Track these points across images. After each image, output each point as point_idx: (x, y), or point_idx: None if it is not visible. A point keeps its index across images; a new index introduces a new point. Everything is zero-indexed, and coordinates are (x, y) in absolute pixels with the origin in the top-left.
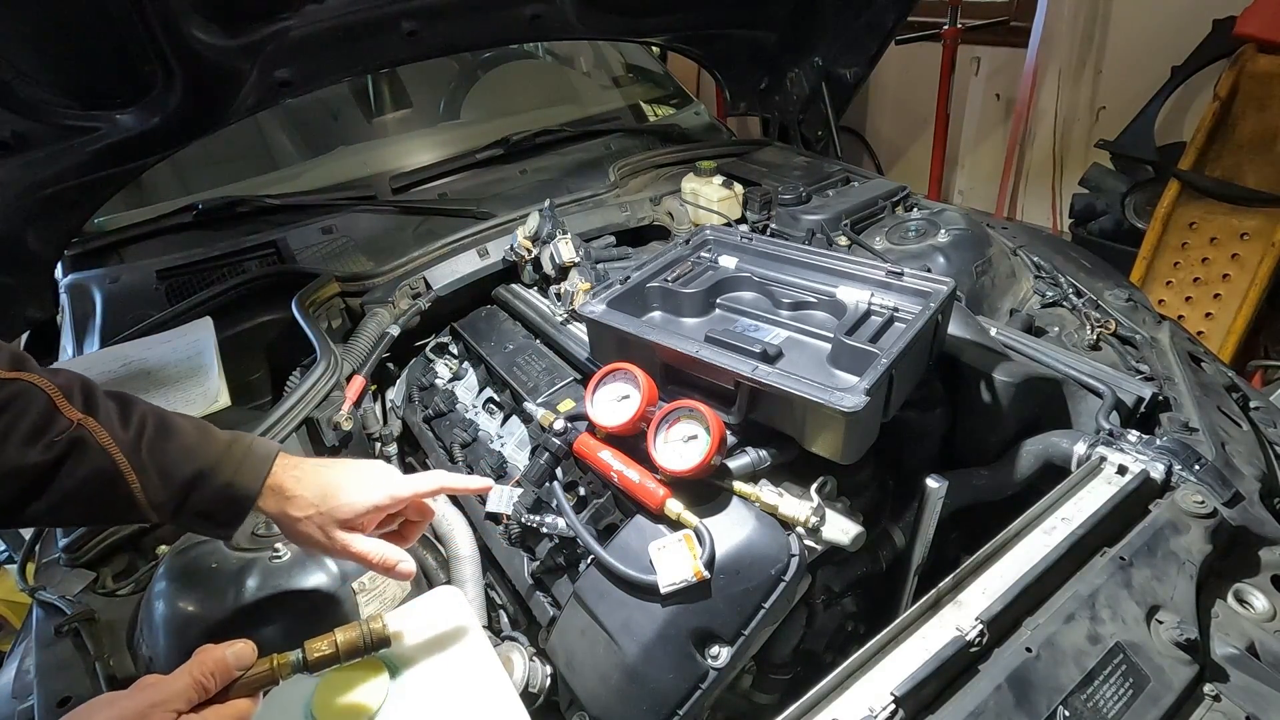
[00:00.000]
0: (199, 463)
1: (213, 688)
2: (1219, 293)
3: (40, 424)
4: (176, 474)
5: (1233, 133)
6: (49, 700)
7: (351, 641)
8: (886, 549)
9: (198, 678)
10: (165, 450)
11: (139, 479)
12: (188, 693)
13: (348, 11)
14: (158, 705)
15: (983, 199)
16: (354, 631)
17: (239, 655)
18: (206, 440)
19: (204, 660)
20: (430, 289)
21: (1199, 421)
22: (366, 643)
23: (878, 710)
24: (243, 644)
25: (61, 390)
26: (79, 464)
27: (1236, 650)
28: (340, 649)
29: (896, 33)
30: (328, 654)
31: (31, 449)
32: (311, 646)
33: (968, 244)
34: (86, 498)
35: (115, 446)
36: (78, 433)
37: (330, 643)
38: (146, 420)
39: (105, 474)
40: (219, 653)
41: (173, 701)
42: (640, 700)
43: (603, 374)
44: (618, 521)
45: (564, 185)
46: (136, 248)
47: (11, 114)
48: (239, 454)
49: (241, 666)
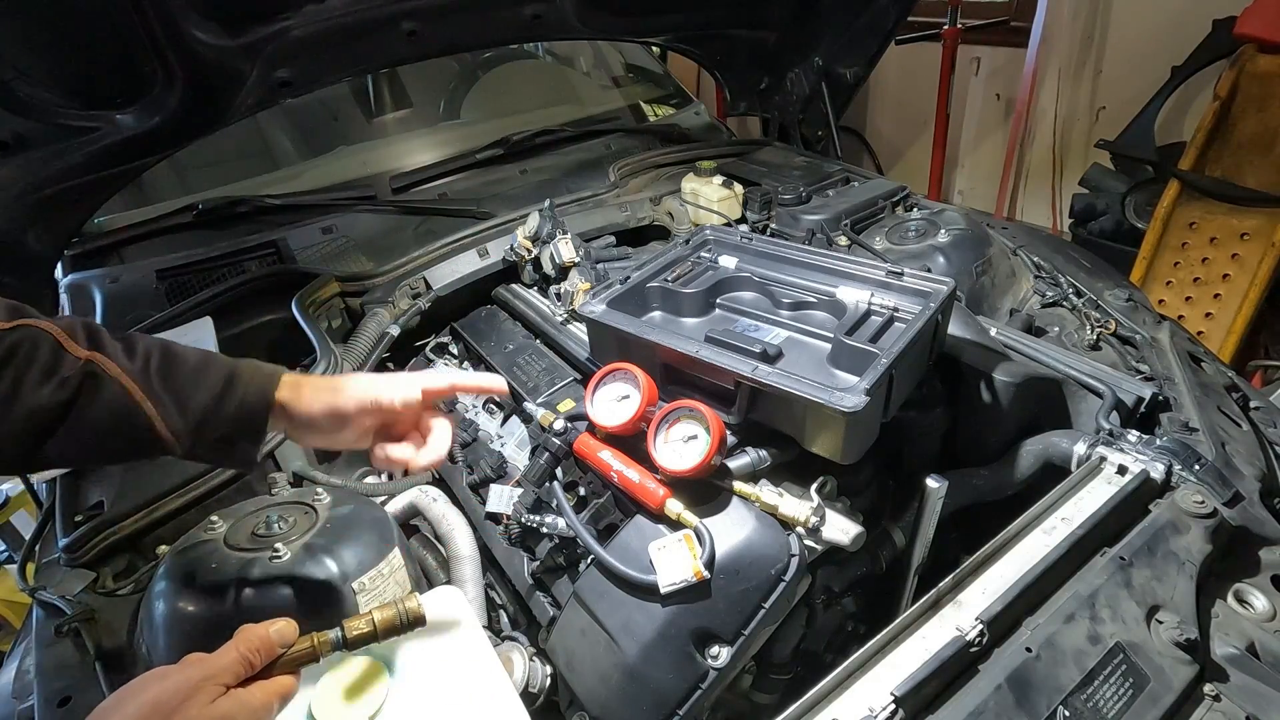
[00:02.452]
0: (210, 384)
1: (258, 664)
2: (1219, 293)
3: (50, 364)
4: (190, 399)
5: (1233, 133)
6: (49, 700)
7: (388, 620)
8: (886, 549)
9: (244, 653)
10: (175, 377)
11: (155, 407)
12: (235, 668)
13: (348, 11)
14: (208, 679)
15: (983, 199)
16: (390, 610)
17: (282, 633)
18: (213, 363)
19: (249, 637)
20: (430, 289)
21: (1199, 421)
22: (403, 621)
23: (878, 710)
24: (284, 622)
25: (65, 330)
26: (94, 397)
27: (1236, 650)
28: (378, 627)
29: (896, 33)
30: (366, 632)
31: (45, 388)
32: (350, 625)
33: (968, 244)
34: (106, 431)
35: (126, 376)
36: (88, 367)
37: (368, 620)
38: (152, 351)
39: (122, 405)
40: (263, 630)
41: (221, 676)
42: (640, 700)
43: (603, 374)
44: (618, 521)
45: (564, 185)
46: (136, 248)
47: (11, 114)
48: (247, 372)
49: (284, 644)
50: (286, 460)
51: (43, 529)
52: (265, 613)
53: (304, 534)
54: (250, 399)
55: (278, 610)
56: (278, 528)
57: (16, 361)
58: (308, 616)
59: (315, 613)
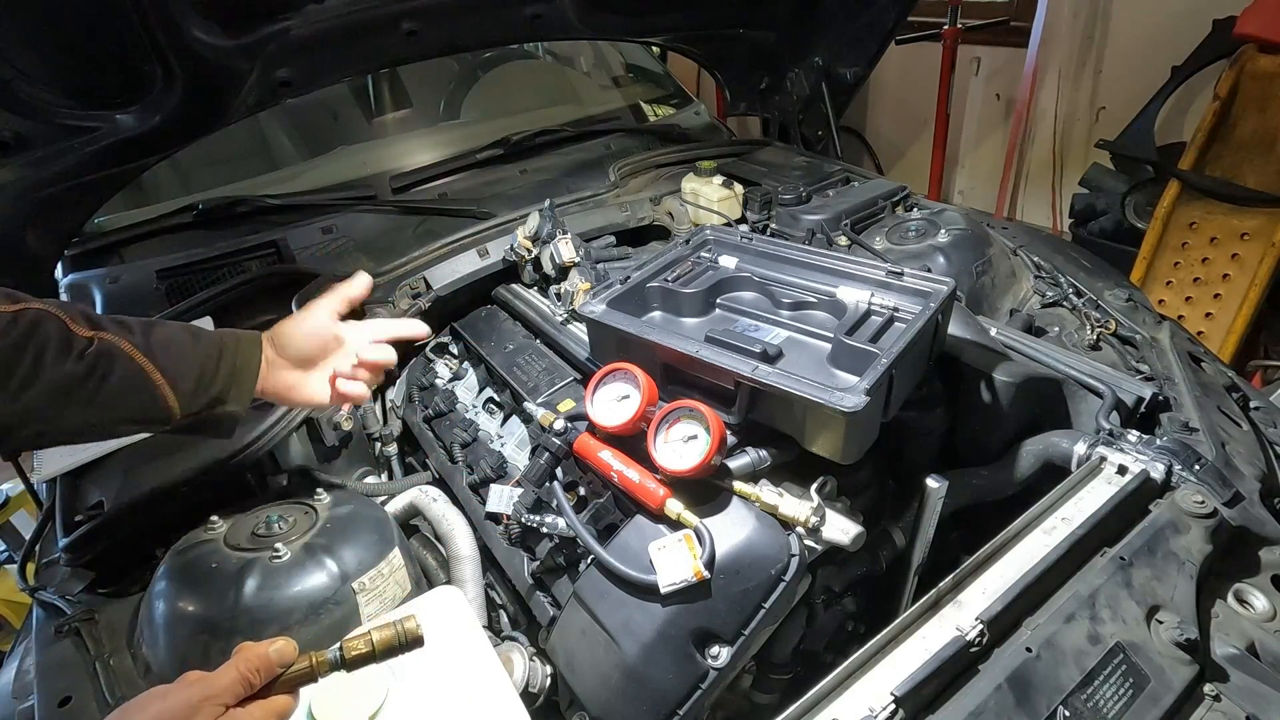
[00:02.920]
0: (204, 349)
1: (257, 683)
2: (1219, 293)
3: (63, 341)
4: (187, 367)
5: (1233, 133)
6: (49, 700)
7: (387, 640)
8: (886, 549)
9: (244, 673)
10: (171, 351)
11: (163, 376)
12: (235, 688)
13: (348, 11)
14: (208, 699)
15: (983, 199)
16: (389, 631)
17: (281, 652)
18: (201, 333)
19: (248, 657)
20: (430, 289)
21: (1199, 421)
22: (401, 642)
23: (878, 710)
24: (284, 641)
25: (65, 313)
26: (111, 369)
27: (1236, 650)
28: (376, 647)
29: (896, 33)
30: (364, 652)
31: (65, 362)
32: (348, 645)
33: (968, 244)
34: (120, 400)
35: (137, 351)
36: (101, 345)
37: (366, 641)
38: (147, 329)
39: (135, 375)
40: (262, 649)
41: (221, 696)
42: (640, 700)
43: (603, 374)
44: (618, 521)
45: (564, 185)
46: (136, 248)
47: (11, 114)
48: (231, 341)
49: (283, 664)
50: (287, 460)
51: (43, 529)
52: (265, 613)
53: (304, 534)
54: (243, 354)
55: (278, 610)
56: (278, 528)
57: (36, 339)
58: (307, 616)
59: (314, 612)
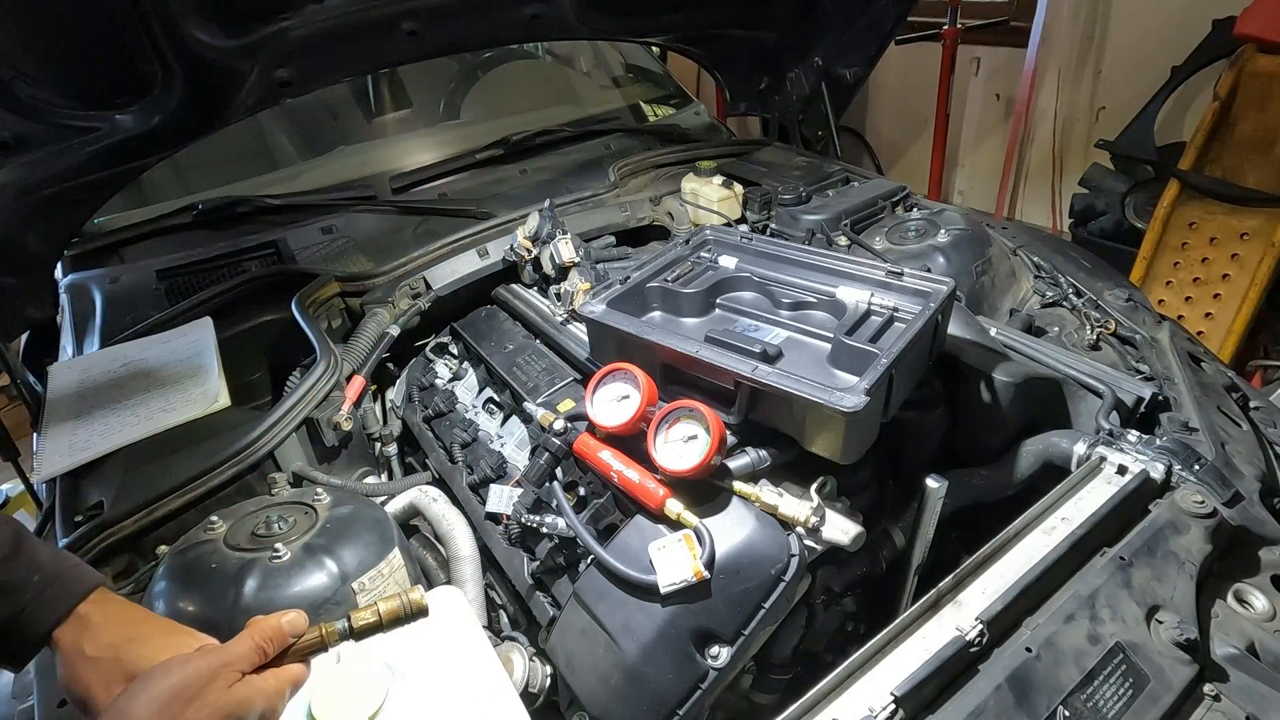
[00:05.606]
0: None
1: (271, 652)
2: (1219, 293)
3: None
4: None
5: (1233, 133)
6: (49, 700)
7: (393, 611)
8: (886, 549)
9: (259, 642)
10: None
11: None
12: (250, 655)
13: (348, 11)
14: (226, 665)
15: (983, 199)
16: (395, 601)
17: (293, 623)
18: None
19: (262, 627)
20: (430, 289)
21: (1199, 421)
22: (407, 612)
23: (878, 710)
24: (295, 613)
25: None
26: None
27: (1236, 650)
28: (383, 617)
29: (896, 33)
30: (371, 622)
31: None
32: (356, 615)
33: (968, 244)
34: None
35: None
36: None
37: (374, 611)
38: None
39: None
40: (274, 620)
41: (239, 663)
42: (640, 700)
43: (603, 374)
44: (618, 521)
45: (564, 185)
46: (136, 248)
47: (11, 114)
48: (41, 583)
49: (295, 634)
50: (287, 460)
51: (42, 529)
52: (265, 613)
53: (304, 534)
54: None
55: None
56: (278, 528)
57: None
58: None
59: (314, 612)
